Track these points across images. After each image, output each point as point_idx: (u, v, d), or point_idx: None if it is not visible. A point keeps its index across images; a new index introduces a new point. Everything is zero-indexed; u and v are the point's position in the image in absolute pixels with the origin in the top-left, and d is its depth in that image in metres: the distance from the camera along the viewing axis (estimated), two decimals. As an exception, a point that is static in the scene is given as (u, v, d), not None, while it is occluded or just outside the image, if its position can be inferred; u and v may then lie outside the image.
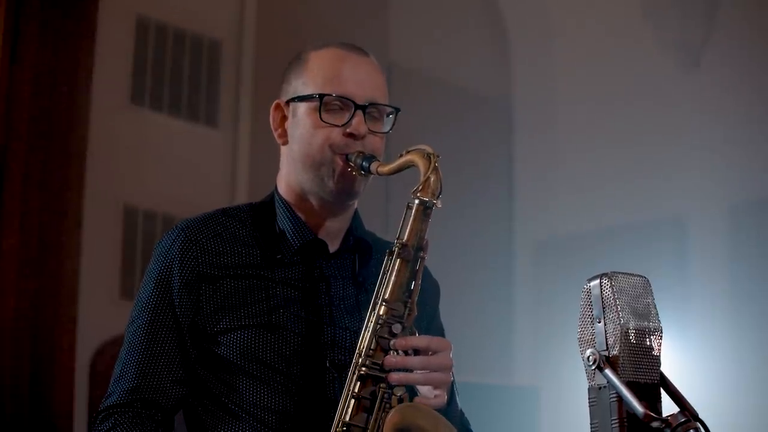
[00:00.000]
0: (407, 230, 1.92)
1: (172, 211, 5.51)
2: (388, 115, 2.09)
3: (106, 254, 5.32)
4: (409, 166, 1.96)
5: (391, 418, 1.81)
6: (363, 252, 2.12)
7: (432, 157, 1.93)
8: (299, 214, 2.08)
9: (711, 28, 5.13)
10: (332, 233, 2.10)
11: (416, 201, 1.92)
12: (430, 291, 2.21)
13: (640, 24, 5.34)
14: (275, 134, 2.14)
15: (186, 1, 5.78)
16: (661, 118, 5.17)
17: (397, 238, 1.92)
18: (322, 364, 1.99)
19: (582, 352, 1.56)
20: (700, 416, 1.48)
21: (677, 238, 5.10)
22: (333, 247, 2.09)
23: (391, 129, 2.09)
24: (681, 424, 1.45)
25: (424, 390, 1.90)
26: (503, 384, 5.39)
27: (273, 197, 2.13)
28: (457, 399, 2.04)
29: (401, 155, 1.97)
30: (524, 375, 5.55)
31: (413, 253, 1.91)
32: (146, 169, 5.45)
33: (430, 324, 2.16)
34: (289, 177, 2.11)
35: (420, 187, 1.92)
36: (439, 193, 1.93)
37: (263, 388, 1.97)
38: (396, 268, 1.91)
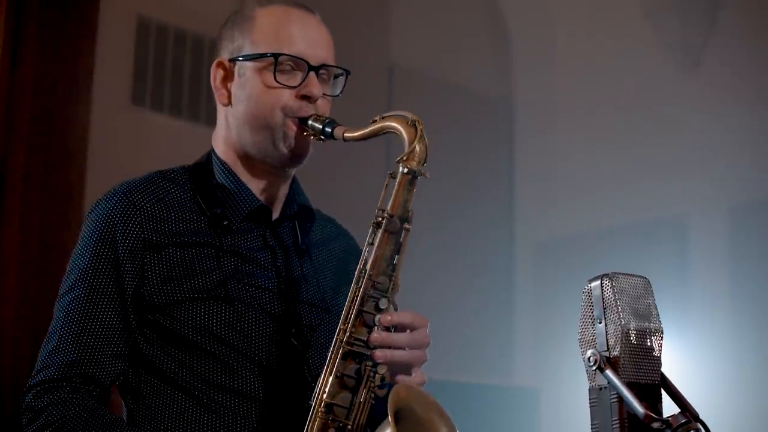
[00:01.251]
0: (391, 200, 1.84)
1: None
2: (335, 77, 2.02)
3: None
4: (386, 132, 1.89)
5: (393, 399, 1.74)
6: (305, 219, 2.05)
7: (417, 123, 1.86)
8: (241, 177, 1.99)
9: (711, 28, 5.13)
10: (274, 198, 2.02)
11: (403, 170, 1.84)
12: (350, 244, 2.15)
13: (641, 24, 5.33)
14: (216, 94, 2.05)
15: (187, 2, 5.77)
16: (661, 118, 5.16)
17: (380, 208, 1.84)
18: (285, 340, 1.91)
19: (583, 353, 1.56)
20: (701, 417, 1.48)
21: (678, 238, 5.09)
22: (275, 213, 2.02)
23: (341, 92, 2.03)
24: (682, 424, 1.45)
25: (403, 369, 1.84)
26: (503, 384, 5.39)
27: (209, 159, 2.04)
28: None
29: (374, 121, 1.90)
30: (524, 376, 5.55)
31: (399, 224, 1.84)
32: (147, 169, 5.44)
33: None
34: (231, 139, 2.02)
35: (405, 157, 1.84)
36: (425, 162, 1.86)
37: (219, 365, 1.88)
38: (380, 239, 1.83)
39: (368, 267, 1.83)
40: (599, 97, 5.41)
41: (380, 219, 1.84)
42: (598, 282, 1.55)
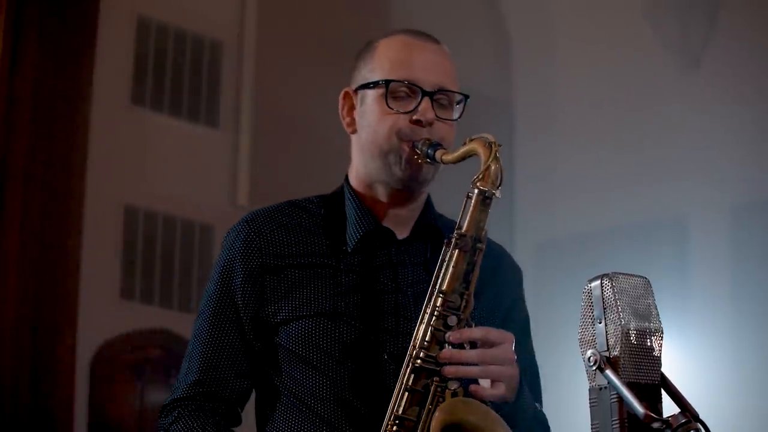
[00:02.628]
0: (467, 220, 1.90)
1: (173, 211, 5.51)
2: (458, 103, 2.06)
3: (106, 254, 5.31)
4: (472, 154, 1.94)
5: (440, 413, 1.79)
6: (434, 239, 2.07)
7: (493, 145, 1.91)
8: (367, 203, 2.05)
9: (711, 28, 5.13)
10: (401, 221, 2.06)
11: (476, 191, 1.90)
12: (509, 278, 2.20)
13: (641, 24, 5.33)
14: (344, 123, 2.11)
15: (187, 2, 5.77)
16: (661, 118, 5.16)
17: (456, 228, 1.90)
18: (379, 354, 1.95)
19: (583, 353, 1.56)
20: (701, 417, 1.48)
21: (678, 239, 5.09)
22: (402, 235, 2.06)
23: (460, 116, 2.06)
24: (682, 424, 1.45)
25: (481, 381, 1.86)
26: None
27: (343, 188, 2.10)
28: (527, 391, 1.98)
29: (464, 143, 1.95)
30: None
31: (471, 243, 1.89)
32: (147, 169, 5.44)
33: (510, 313, 2.13)
34: (359, 166, 2.08)
35: (480, 176, 1.90)
36: (500, 183, 1.91)
37: (319, 376, 1.95)
38: (454, 258, 1.88)
39: (442, 286, 1.88)
40: (599, 98, 5.41)
41: (455, 239, 1.89)
42: (598, 282, 1.56)
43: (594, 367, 1.53)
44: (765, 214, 4.78)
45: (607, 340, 1.53)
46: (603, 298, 1.54)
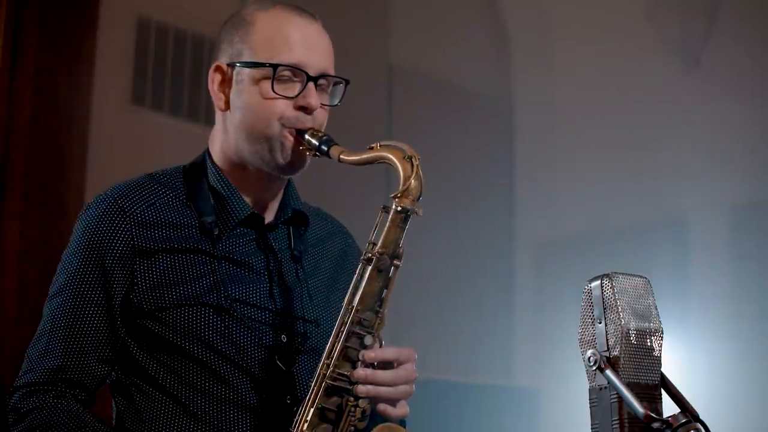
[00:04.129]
0: (383, 237, 1.84)
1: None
2: (334, 84, 2.00)
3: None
4: (382, 162, 1.87)
5: None
6: (299, 224, 2.04)
7: (414, 159, 1.84)
8: (234, 184, 1.98)
9: (711, 28, 5.13)
10: (267, 205, 2.02)
11: (397, 207, 1.83)
12: (346, 242, 2.14)
13: (641, 25, 5.33)
14: (214, 98, 2.03)
15: (187, 2, 5.77)
16: (661, 118, 5.16)
17: (371, 243, 1.84)
18: (272, 349, 1.91)
19: (583, 353, 1.56)
20: (701, 417, 1.48)
21: (678, 238, 5.09)
22: (268, 218, 2.01)
23: (340, 101, 2.01)
24: (682, 424, 1.45)
25: (387, 400, 1.84)
26: (503, 385, 5.39)
27: (204, 161, 2.03)
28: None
29: (371, 147, 1.88)
30: (524, 376, 5.55)
31: (389, 261, 1.84)
32: (147, 169, 5.44)
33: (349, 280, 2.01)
34: (227, 144, 2.00)
35: (399, 193, 1.83)
36: (419, 197, 1.84)
37: (202, 370, 1.88)
38: (368, 276, 1.83)
39: (355, 302, 1.84)
40: (599, 97, 5.41)
41: (370, 255, 1.84)
42: (598, 282, 1.56)
43: (594, 367, 1.53)
44: (765, 214, 4.78)
45: (607, 340, 1.53)
46: (603, 298, 1.54)
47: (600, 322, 1.54)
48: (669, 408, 1.52)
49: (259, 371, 1.90)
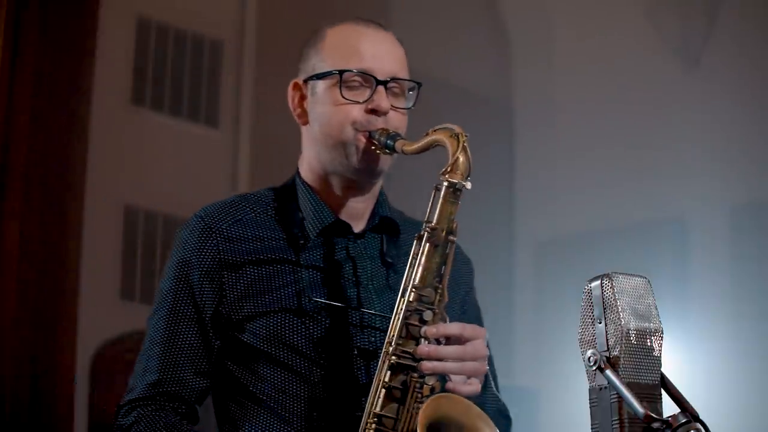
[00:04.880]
0: (436, 213, 1.87)
1: (173, 211, 5.51)
2: (409, 91, 2.04)
3: (106, 254, 5.32)
4: (436, 145, 1.91)
5: (424, 410, 1.77)
6: (390, 231, 2.07)
7: (460, 136, 1.88)
8: (321, 196, 2.03)
9: (711, 28, 5.13)
10: (356, 213, 2.05)
11: (445, 183, 1.87)
12: (462, 270, 2.16)
13: (641, 24, 5.33)
14: (294, 115, 2.08)
15: (187, 2, 5.78)
16: (661, 118, 5.16)
17: (426, 221, 1.88)
18: (350, 350, 1.94)
19: (583, 353, 1.56)
20: (701, 417, 1.48)
21: (678, 238, 5.09)
22: (358, 228, 2.05)
23: (413, 105, 2.05)
24: (682, 424, 1.45)
25: (456, 378, 1.85)
26: (503, 384, 5.38)
27: (294, 180, 2.08)
28: (492, 385, 2.02)
29: (427, 134, 1.92)
30: (524, 376, 5.55)
31: (443, 236, 1.87)
32: (147, 169, 5.45)
33: (464, 305, 2.12)
34: (311, 158, 2.06)
35: (449, 168, 1.87)
36: (469, 174, 1.88)
37: (289, 374, 1.93)
38: (425, 252, 1.86)
39: (415, 279, 1.86)
40: (599, 97, 5.41)
41: (424, 232, 1.87)
42: (598, 282, 1.56)
43: (594, 367, 1.53)
44: (764, 213, 4.78)
45: (607, 340, 1.53)
46: (603, 298, 1.54)
47: (600, 322, 1.54)
48: (669, 408, 1.52)
49: (344, 373, 1.94)
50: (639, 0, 5.44)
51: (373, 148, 1.97)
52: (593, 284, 1.56)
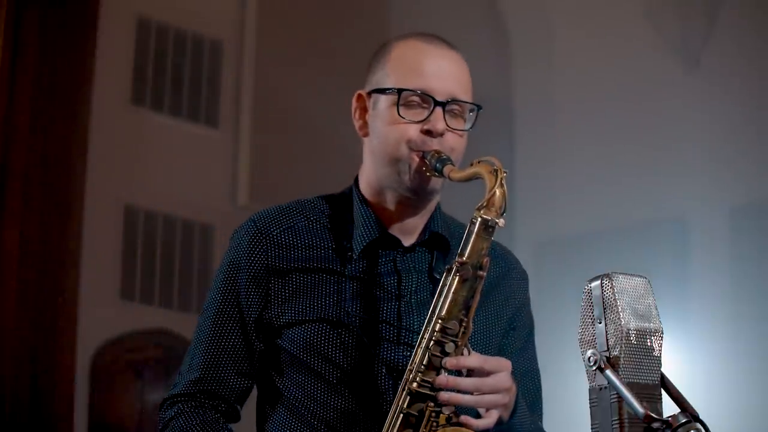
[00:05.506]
0: (469, 247, 1.88)
1: (173, 211, 5.51)
2: (470, 111, 2.05)
3: (106, 254, 5.31)
4: (477, 177, 1.93)
5: None
6: (440, 247, 2.08)
7: (499, 172, 1.90)
8: (375, 209, 2.05)
9: (711, 28, 5.13)
10: (408, 229, 2.06)
11: (479, 219, 1.88)
12: (515, 285, 2.19)
13: (641, 24, 5.33)
14: (356, 125, 2.10)
15: (187, 2, 5.77)
16: (661, 118, 5.16)
17: (459, 254, 1.89)
18: (380, 365, 1.96)
19: (582, 353, 1.56)
20: (701, 417, 1.48)
21: (678, 238, 5.09)
22: (408, 242, 2.06)
23: (472, 127, 2.06)
24: (681, 425, 1.45)
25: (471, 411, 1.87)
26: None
27: (351, 190, 2.10)
28: (524, 408, 1.99)
29: (471, 164, 1.95)
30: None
31: (472, 271, 1.88)
32: (147, 169, 5.44)
33: (514, 322, 2.11)
34: (369, 171, 2.07)
35: (484, 203, 1.88)
36: (503, 211, 1.89)
37: (321, 383, 1.96)
38: (454, 285, 1.87)
39: (441, 311, 1.87)
40: (599, 97, 5.41)
41: (454, 265, 1.88)
42: (598, 282, 1.56)
43: (594, 367, 1.53)
44: (764, 214, 4.77)
45: (607, 340, 1.53)
46: (603, 298, 1.54)
47: (600, 322, 1.54)
48: (669, 408, 1.52)
49: (374, 386, 1.96)
50: (639, 0, 5.44)
51: (424, 169, 1.98)
52: (593, 284, 1.56)
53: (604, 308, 1.54)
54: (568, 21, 5.72)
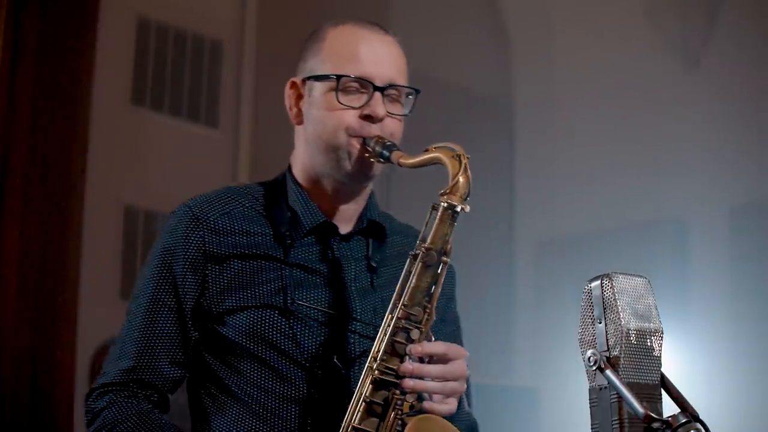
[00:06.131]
0: (431, 233, 1.87)
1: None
2: (407, 96, 2.03)
3: (106, 254, 5.32)
4: (435, 163, 1.90)
5: (409, 430, 1.78)
6: (377, 235, 2.07)
7: (462, 158, 1.88)
8: (311, 196, 2.03)
9: (711, 28, 5.13)
10: (345, 216, 2.05)
11: (444, 204, 1.87)
12: (445, 280, 2.19)
13: (641, 24, 5.34)
14: (290, 114, 2.08)
15: (187, 2, 5.78)
16: (661, 118, 5.17)
17: (421, 240, 1.87)
18: (329, 353, 1.94)
19: (582, 353, 1.56)
20: (701, 417, 1.48)
21: (678, 238, 5.10)
22: (345, 230, 2.04)
23: (410, 112, 2.04)
24: (681, 424, 1.45)
25: (435, 397, 1.86)
26: (502, 385, 5.39)
27: (285, 177, 2.08)
28: (465, 403, 2.00)
29: (426, 150, 1.91)
30: (524, 376, 5.55)
31: (436, 257, 1.87)
32: (147, 169, 5.45)
33: (444, 314, 2.10)
34: (303, 158, 2.05)
35: (448, 190, 1.87)
36: (467, 196, 1.88)
37: (266, 370, 1.93)
38: (418, 271, 1.86)
39: (404, 298, 1.86)
40: (599, 97, 5.42)
41: (419, 251, 1.87)
42: (598, 282, 1.55)
43: (594, 367, 1.53)
44: (764, 214, 4.78)
45: (607, 340, 1.53)
46: (603, 298, 1.54)
47: (600, 322, 1.54)
48: (669, 408, 1.52)
49: (321, 372, 1.93)
50: (639, 0, 5.45)
51: (367, 155, 1.96)
52: (593, 284, 1.56)
53: (604, 308, 1.54)
54: (568, 20, 5.72)
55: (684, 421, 1.45)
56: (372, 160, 1.96)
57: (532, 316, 5.48)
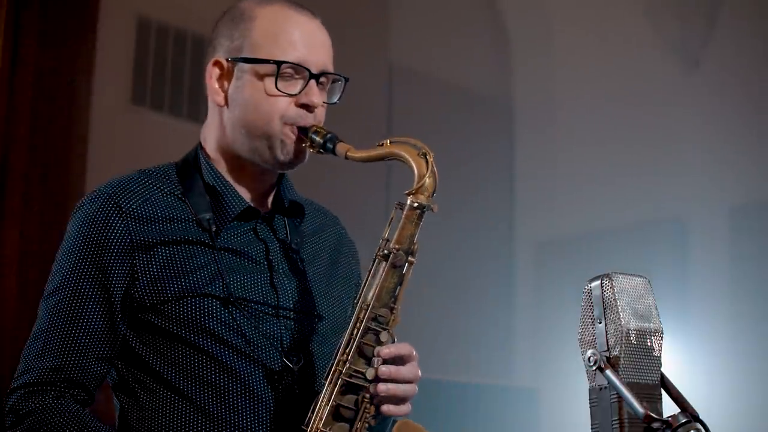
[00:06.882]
0: (397, 233, 1.84)
1: (173, 211, 5.51)
2: (333, 82, 1.99)
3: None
4: (394, 159, 1.86)
5: None
6: (294, 215, 2.04)
7: (428, 156, 1.84)
8: (229, 178, 1.98)
9: (711, 28, 5.13)
10: (262, 197, 2.01)
11: (411, 203, 1.83)
12: (351, 259, 2.14)
13: (640, 24, 5.33)
14: (211, 93, 2.04)
15: (187, 2, 5.77)
16: (661, 118, 5.16)
17: (385, 239, 1.84)
18: (275, 345, 1.90)
19: (583, 353, 1.56)
20: (701, 417, 1.48)
21: (678, 238, 5.09)
22: (263, 211, 2.01)
23: (338, 99, 2.01)
24: (681, 424, 1.45)
25: (392, 400, 1.84)
26: (502, 385, 5.39)
27: (197, 157, 2.02)
28: None
29: (381, 144, 1.88)
30: (524, 376, 5.54)
31: (403, 257, 1.84)
32: (146, 169, 5.44)
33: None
34: (223, 140, 2.00)
35: (414, 189, 1.83)
36: (434, 193, 1.84)
37: (211, 362, 1.86)
38: (384, 272, 1.83)
39: (370, 299, 1.83)
40: (599, 97, 5.41)
41: (386, 251, 1.84)
42: (598, 282, 1.55)
43: (594, 367, 1.53)
44: (764, 214, 4.78)
45: (607, 340, 1.53)
46: (603, 298, 1.54)
47: (600, 322, 1.54)
48: (669, 408, 1.52)
49: (266, 361, 1.89)
50: (639, 0, 5.44)
51: (304, 145, 1.92)
52: (593, 284, 1.56)
53: (604, 308, 1.54)
54: (568, 20, 5.72)
55: (684, 421, 1.45)
56: (311, 150, 1.92)
57: (532, 316, 5.47)
